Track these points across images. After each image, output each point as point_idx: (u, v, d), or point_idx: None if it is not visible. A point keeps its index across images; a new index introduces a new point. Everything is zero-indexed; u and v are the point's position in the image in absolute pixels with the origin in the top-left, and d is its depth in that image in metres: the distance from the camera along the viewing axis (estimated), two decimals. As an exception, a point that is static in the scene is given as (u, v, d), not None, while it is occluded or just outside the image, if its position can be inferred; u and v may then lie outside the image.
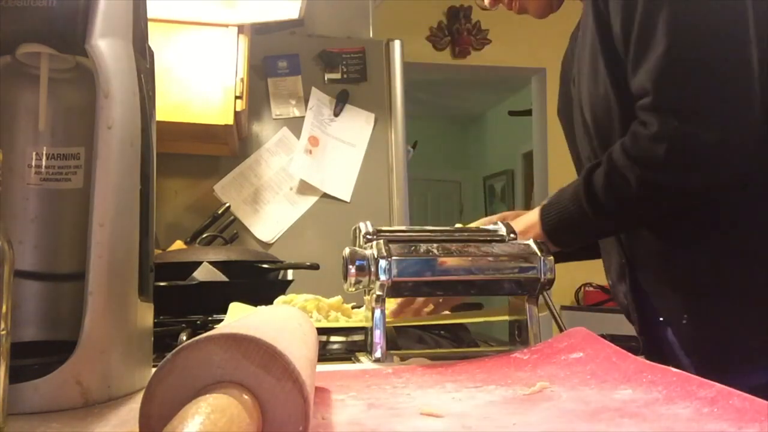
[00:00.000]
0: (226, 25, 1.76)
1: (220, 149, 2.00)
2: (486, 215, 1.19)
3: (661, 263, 0.91)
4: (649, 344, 0.89)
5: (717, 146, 0.78)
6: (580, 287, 3.93)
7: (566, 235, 0.93)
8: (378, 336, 0.71)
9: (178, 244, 1.65)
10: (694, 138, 0.78)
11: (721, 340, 0.85)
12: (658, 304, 0.92)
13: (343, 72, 2.18)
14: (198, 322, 0.94)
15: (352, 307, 0.98)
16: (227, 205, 1.92)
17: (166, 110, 1.61)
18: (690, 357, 0.88)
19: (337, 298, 0.97)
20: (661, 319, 0.91)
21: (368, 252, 0.71)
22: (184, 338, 0.82)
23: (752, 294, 0.84)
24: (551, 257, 0.74)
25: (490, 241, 0.78)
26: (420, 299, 0.91)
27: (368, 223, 0.77)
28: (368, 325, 0.74)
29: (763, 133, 0.79)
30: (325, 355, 0.79)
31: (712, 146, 0.78)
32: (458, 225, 0.93)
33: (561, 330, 0.73)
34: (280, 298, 0.99)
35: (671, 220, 0.89)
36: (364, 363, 0.72)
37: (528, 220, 0.95)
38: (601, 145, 0.92)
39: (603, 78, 0.89)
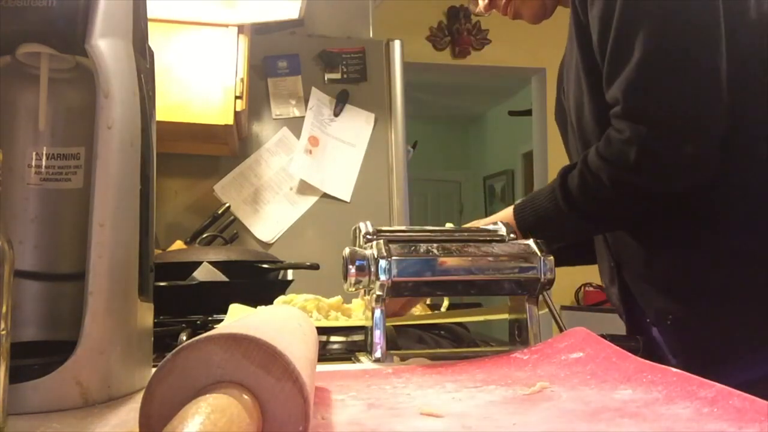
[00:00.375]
0: (226, 25, 1.76)
1: (220, 149, 2.00)
2: (486, 215, 1.20)
3: (644, 266, 0.92)
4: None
5: (685, 153, 0.80)
6: (580, 287, 3.94)
7: (542, 234, 0.92)
8: (378, 336, 0.71)
9: (178, 244, 1.65)
10: (662, 144, 0.81)
11: (704, 340, 0.86)
12: (644, 305, 0.92)
13: (343, 72, 2.18)
14: (198, 322, 0.94)
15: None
16: (227, 205, 1.92)
17: (166, 110, 1.61)
18: (676, 357, 0.88)
19: (337, 298, 0.97)
20: (648, 320, 0.92)
21: (368, 252, 0.71)
22: (184, 338, 0.82)
23: (733, 294, 0.84)
24: (551, 257, 0.74)
25: (490, 241, 0.78)
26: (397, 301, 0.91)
27: (368, 223, 0.77)
28: (368, 324, 0.74)
29: (737, 137, 0.81)
30: (325, 355, 0.79)
31: (680, 153, 0.80)
32: (449, 225, 0.93)
33: (561, 330, 0.73)
34: (280, 298, 0.99)
35: (650, 223, 0.90)
36: (364, 363, 0.72)
37: (499, 219, 0.96)
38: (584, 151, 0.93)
39: (583, 86, 0.91)
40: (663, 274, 0.90)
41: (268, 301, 0.98)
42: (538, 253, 0.74)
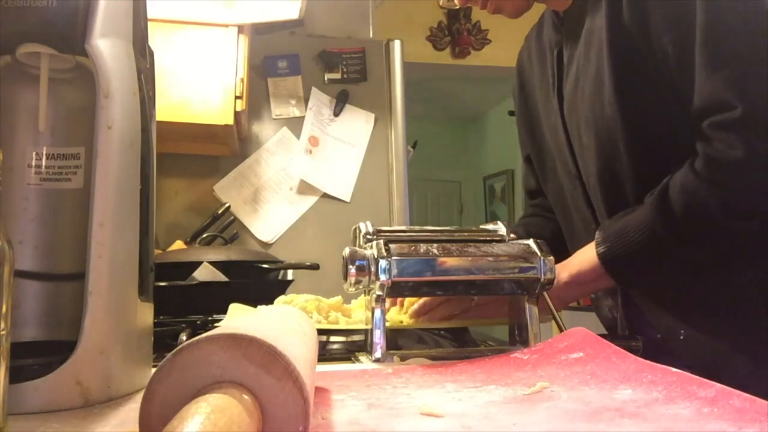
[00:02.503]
0: (226, 25, 1.76)
1: (220, 149, 2.00)
2: (486, 215, 1.19)
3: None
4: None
5: None
6: (580, 287, 3.92)
7: (637, 274, 0.87)
8: (378, 336, 0.71)
9: (178, 244, 1.65)
10: None
11: (717, 352, 0.86)
12: (654, 321, 0.91)
13: (343, 72, 2.18)
14: (198, 322, 0.94)
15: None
16: (227, 205, 1.92)
17: (166, 110, 1.61)
18: (688, 368, 0.88)
19: (337, 298, 0.97)
20: (659, 335, 0.91)
21: (368, 252, 0.71)
22: (184, 338, 0.82)
23: (741, 310, 0.84)
24: (551, 257, 0.74)
25: (490, 241, 0.78)
26: (440, 306, 0.89)
27: (368, 223, 0.77)
28: (368, 326, 0.74)
29: None
30: (325, 355, 0.79)
31: None
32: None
33: (561, 330, 0.73)
34: (281, 298, 0.99)
35: None
36: (364, 363, 0.72)
37: (584, 268, 0.88)
38: (606, 167, 0.90)
39: (609, 98, 0.86)
40: (675, 295, 0.89)
41: (268, 301, 0.98)
42: (538, 253, 0.74)
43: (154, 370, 0.34)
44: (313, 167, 2.10)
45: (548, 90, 1.04)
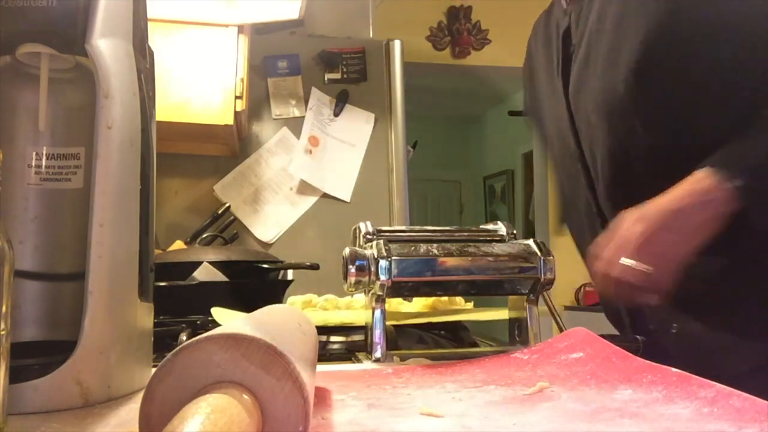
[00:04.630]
0: (226, 25, 1.76)
1: (220, 149, 2.00)
2: (486, 215, 1.18)
3: None
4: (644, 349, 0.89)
5: None
6: (580, 287, 3.93)
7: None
8: (378, 336, 0.71)
9: (178, 244, 1.65)
10: None
11: (708, 347, 0.86)
12: (648, 313, 0.92)
13: (343, 72, 2.19)
14: (198, 322, 0.94)
15: None
16: (227, 205, 1.92)
17: (166, 110, 1.61)
18: (681, 364, 0.88)
19: (347, 299, 0.98)
20: (651, 327, 0.91)
21: (368, 252, 0.71)
22: (184, 338, 0.82)
23: (734, 306, 0.84)
24: (551, 257, 0.74)
25: (490, 241, 0.78)
26: None
27: (368, 223, 0.77)
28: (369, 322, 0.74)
29: None
30: (325, 355, 0.79)
31: None
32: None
33: (561, 330, 0.73)
34: (298, 299, 0.99)
35: None
36: (364, 363, 0.72)
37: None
38: (617, 145, 0.89)
39: (625, 74, 0.85)
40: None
41: (268, 301, 0.98)
42: (538, 253, 0.74)
43: (154, 370, 0.34)
44: (313, 167, 2.10)
45: (552, 73, 1.03)
